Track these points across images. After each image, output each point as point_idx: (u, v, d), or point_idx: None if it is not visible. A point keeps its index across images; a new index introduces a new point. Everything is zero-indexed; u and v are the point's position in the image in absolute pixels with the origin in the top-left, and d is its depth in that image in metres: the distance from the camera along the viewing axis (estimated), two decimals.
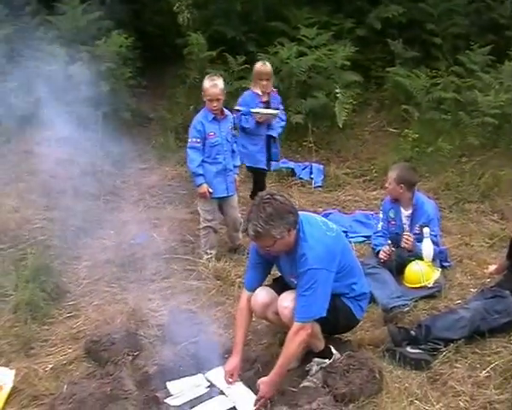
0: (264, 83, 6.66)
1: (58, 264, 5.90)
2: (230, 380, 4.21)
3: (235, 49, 9.97)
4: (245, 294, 4.43)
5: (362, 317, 4.59)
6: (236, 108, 6.61)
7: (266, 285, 4.54)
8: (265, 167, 6.93)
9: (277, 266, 4.47)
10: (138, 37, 10.50)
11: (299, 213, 4.13)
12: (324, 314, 4.05)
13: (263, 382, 4.04)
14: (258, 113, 6.51)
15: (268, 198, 3.96)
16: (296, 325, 4.00)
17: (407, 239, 5.59)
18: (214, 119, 5.98)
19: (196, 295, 5.46)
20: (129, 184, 8.32)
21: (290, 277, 4.29)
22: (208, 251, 6.16)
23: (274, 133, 6.79)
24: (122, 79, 9.86)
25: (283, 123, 6.97)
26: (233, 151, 6.23)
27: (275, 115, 6.63)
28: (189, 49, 9.95)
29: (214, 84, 5.88)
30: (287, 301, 4.18)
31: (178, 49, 10.34)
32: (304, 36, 9.67)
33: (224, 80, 6.09)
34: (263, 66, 6.75)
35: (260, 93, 6.69)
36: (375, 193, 8.01)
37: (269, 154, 6.89)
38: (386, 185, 5.87)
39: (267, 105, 6.71)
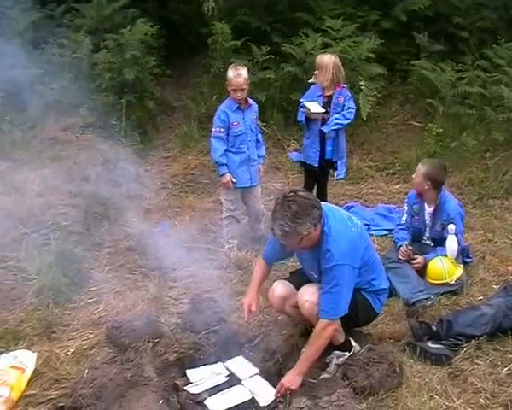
0: (316, 72, 6.46)
1: (80, 250, 5.94)
2: (252, 309, 4.43)
3: (259, 40, 9.93)
4: (260, 260, 4.60)
5: (381, 311, 4.59)
6: (301, 100, 6.52)
7: (283, 279, 4.59)
8: (315, 164, 6.58)
9: (299, 258, 4.47)
10: (163, 25, 10.48)
11: (323, 205, 4.11)
12: (347, 310, 4.05)
13: (288, 373, 4.06)
14: (306, 107, 6.35)
15: (292, 196, 3.91)
16: (323, 321, 4.01)
17: (404, 252, 5.55)
18: (238, 108, 5.97)
19: (217, 284, 5.44)
20: (152, 172, 8.34)
21: (311, 270, 4.29)
22: (230, 241, 6.16)
23: (325, 129, 6.42)
24: (146, 68, 9.86)
25: (345, 121, 6.45)
26: (257, 141, 6.22)
27: (320, 114, 6.34)
28: (213, 38, 9.92)
29: (238, 74, 5.86)
30: (307, 294, 4.17)
31: (203, 39, 10.32)
32: (329, 27, 9.60)
33: (249, 70, 6.06)
34: (322, 57, 6.55)
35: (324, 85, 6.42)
36: (397, 187, 7.96)
37: (322, 151, 6.56)
38: (413, 176, 5.79)
39: (329, 100, 6.44)
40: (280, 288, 4.44)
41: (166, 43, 10.69)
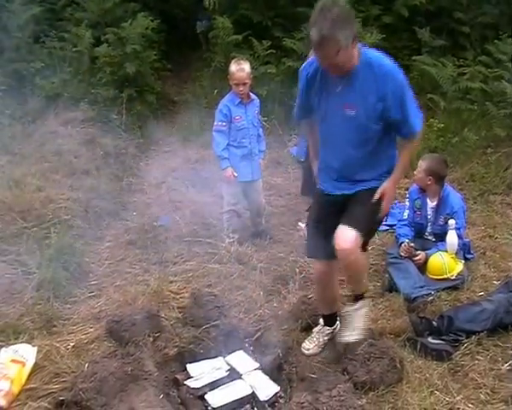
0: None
1: (81, 244, 5.94)
2: None
3: (260, 34, 9.92)
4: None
5: None
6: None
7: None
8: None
9: (327, 97, 3.93)
10: (164, 19, 10.48)
11: None
12: None
13: (385, 187, 3.99)
14: None
15: (332, 2, 3.56)
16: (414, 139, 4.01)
17: (406, 249, 5.53)
18: (240, 103, 5.96)
19: (218, 279, 5.44)
20: (152, 166, 8.33)
21: (345, 107, 3.82)
22: (231, 235, 6.16)
23: None
24: (147, 62, 9.86)
25: None
26: (259, 135, 6.20)
27: None
28: (214, 32, 9.93)
29: (241, 68, 5.85)
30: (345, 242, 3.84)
31: (204, 33, 10.32)
32: None
33: (250, 65, 6.04)
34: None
35: None
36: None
37: None
38: (415, 173, 5.78)
39: None
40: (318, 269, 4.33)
41: (167, 38, 10.70)
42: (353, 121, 3.81)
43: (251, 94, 6.09)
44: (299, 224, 6.54)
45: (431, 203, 5.70)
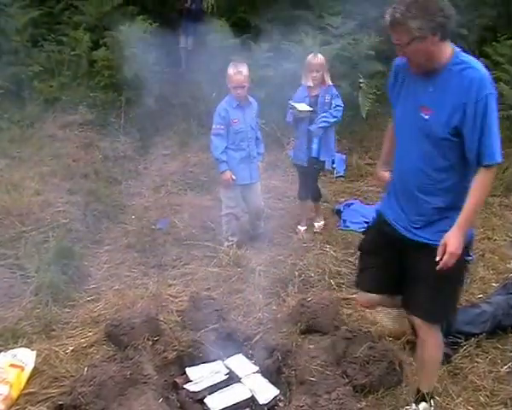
0: (314, 75, 6.26)
1: (80, 248, 5.93)
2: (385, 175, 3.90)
3: (259, 37, 9.93)
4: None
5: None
6: (289, 101, 6.36)
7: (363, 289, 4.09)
8: (304, 164, 6.49)
9: (401, 100, 3.58)
10: (162, 22, 10.48)
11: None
12: None
13: (448, 236, 3.32)
14: (294, 107, 6.25)
15: None
16: (485, 170, 3.27)
17: None
18: (238, 106, 5.96)
19: (216, 282, 5.45)
20: (151, 169, 8.33)
21: (420, 109, 3.40)
22: (229, 238, 6.16)
23: (312, 127, 6.31)
24: (145, 65, 9.84)
25: (332, 119, 6.29)
26: (257, 138, 6.20)
27: (307, 112, 6.23)
28: (213, 35, 9.92)
29: (239, 71, 5.84)
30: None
31: (202, 36, 10.31)
32: (328, 24, 9.60)
33: (248, 68, 6.04)
34: (313, 57, 6.33)
35: (311, 85, 6.32)
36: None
37: (311, 150, 6.44)
38: None
39: (316, 100, 6.32)
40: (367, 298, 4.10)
41: (166, 40, 10.68)
42: (426, 127, 3.37)
43: (249, 97, 6.09)
44: (299, 227, 6.59)
45: None
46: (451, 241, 3.28)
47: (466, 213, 3.29)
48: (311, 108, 6.24)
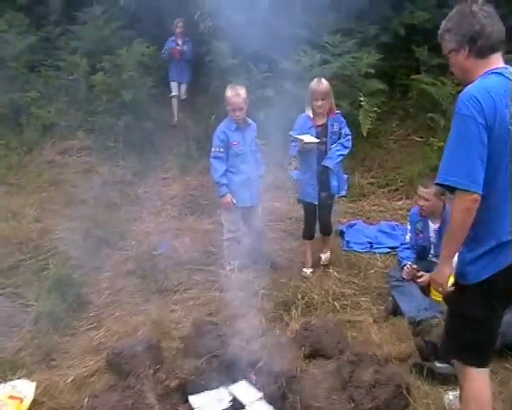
0: (319, 103, 5.92)
1: (79, 275, 5.92)
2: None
3: (257, 57, 9.96)
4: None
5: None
6: (290, 133, 6.03)
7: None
8: (315, 202, 6.15)
9: None
10: (159, 46, 10.53)
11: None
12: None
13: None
14: (299, 139, 5.90)
15: (465, 4, 3.26)
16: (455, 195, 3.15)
17: (408, 272, 5.42)
18: (237, 128, 5.98)
19: (219, 307, 5.43)
20: (150, 193, 8.34)
21: None
22: (231, 262, 6.13)
23: (329, 164, 5.97)
24: (143, 89, 9.90)
25: (345, 151, 6.06)
26: (257, 160, 6.22)
27: (313, 144, 5.90)
28: (210, 57, 9.96)
29: (237, 94, 5.86)
30: None
31: (200, 58, 10.36)
32: (327, 43, 9.62)
33: (247, 89, 6.05)
34: (317, 83, 5.97)
35: (312, 115, 6.02)
36: (400, 203, 7.94)
37: (324, 186, 6.09)
38: (421, 203, 5.51)
39: (323, 129, 6.01)
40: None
41: (163, 64, 10.75)
42: None
43: (248, 119, 6.10)
44: (304, 270, 6.27)
45: (433, 225, 5.65)
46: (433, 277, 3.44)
47: (444, 245, 3.31)
48: (317, 140, 5.94)
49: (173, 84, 10.90)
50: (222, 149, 5.94)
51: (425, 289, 5.39)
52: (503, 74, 3.18)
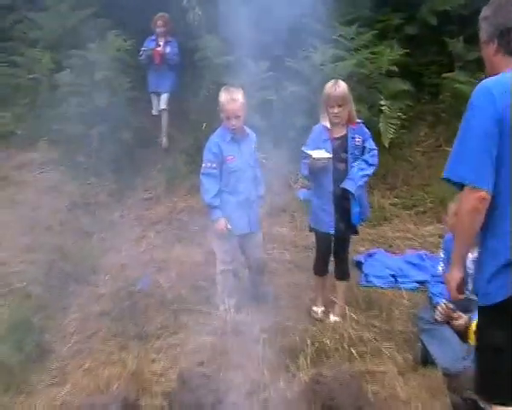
0: (335, 111, 5.79)
1: (40, 318, 5.92)
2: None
3: (257, 53, 10.00)
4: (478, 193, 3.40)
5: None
6: (302, 149, 5.87)
7: None
8: (330, 231, 5.96)
9: None
10: (140, 39, 10.55)
11: None
12: None
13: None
14: (309, 155, 5.73)
15: None
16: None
17: (443, 312, 5.38)
18: (233, 139, 5.96)
19: (211, 355, 5.39)
20: (129, 218, 8.36)
21: None
22: (226, 300, 6.10)
23: (351, 187, 5.78)
24: (120, 91, 9.91)
25: (370, 170, 5.90)
26: (256, 177, 6.19)
27: (325, 160, 5.71)
28: (201, 53, 9.99)
29: (232, 99, 5.85)
30: None
31: (189, 54, 10.39)
32: (341, 36, 9.66)
33: (245, 92, 6.05)
34: (333, 86, 5.84)
35: (329, 126, 5.88)
36: (430, 228, 7.95)
37: (342, 213, 5.90)
38: (448, 217, 5.63)
39: (342, 143, 5.88)
40: None
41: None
42: None
43: (245, 128, 6.10)
44: (314, 308, 6.28)
45: (471, 254, 5.64)
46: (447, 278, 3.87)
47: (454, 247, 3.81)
48: (329, 155, 5.76)
49: (153, 97, 10.65)
50: (214, 165, 5.92)
51: (462, 334, 5.38)
52: None
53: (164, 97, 10.49)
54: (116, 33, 10.16)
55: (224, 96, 5.89)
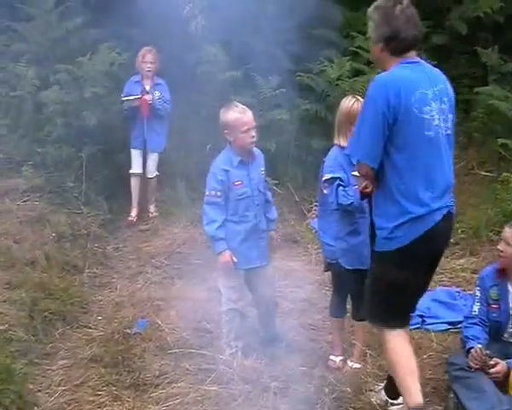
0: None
1: (23, 365, 5.87)
2: None
3: (266, 68, 10.03)
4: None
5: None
6: (325, 177, 5.76)
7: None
8: (363, 267, 5.58)
9: None
10: (135, 52, 10.58)
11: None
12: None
13: None
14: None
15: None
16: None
17: (477, 358, 5.28)
18: (241, 162, 5.92)
19: (216, 406, 5.38)
20: (124, 251, 8.37)
21: None
22: (232, 343, 6.09)
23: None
24: (113, 109, 9.92)
25: None
26: (267, 201, 6.16)
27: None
28: (203, 67, 10.02)
29: (244, 110, 5.87)
30: None
31: (190, 68, 10.43)
32: (360, 47, 9.69)
33: (253, 110, 6.05)
34: (350, 103, 5.85)
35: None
36: (462, 261, 7.91)
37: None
38: (500, 248, 5.52)
39: None
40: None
41: None
42: None
43: (254, 149, 6.07)
44: (332, 357, 6.17)
45: None
46: None
47: None
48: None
49: (135, 154, 9.71)
50: (219, 193, 5.85)
51: (501, 383, 5.35)
52: (414, 66, 4.64)
53: (153, 159, 9.76)
54: (109, 46, 10.18)
55: (231, 113, 5.86)
